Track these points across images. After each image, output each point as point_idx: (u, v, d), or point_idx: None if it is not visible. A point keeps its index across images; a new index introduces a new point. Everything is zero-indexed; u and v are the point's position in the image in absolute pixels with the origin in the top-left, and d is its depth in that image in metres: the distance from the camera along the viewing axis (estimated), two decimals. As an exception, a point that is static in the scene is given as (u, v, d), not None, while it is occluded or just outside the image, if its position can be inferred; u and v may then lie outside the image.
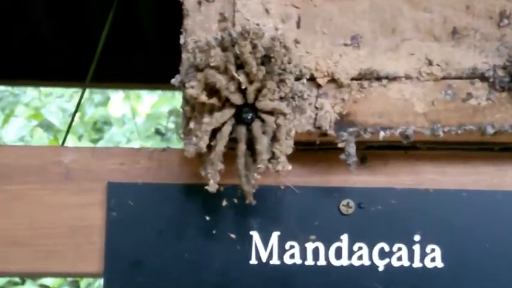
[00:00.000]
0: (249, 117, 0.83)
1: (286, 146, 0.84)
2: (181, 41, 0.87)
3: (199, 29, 0.87)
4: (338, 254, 0.91)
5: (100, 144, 4.12)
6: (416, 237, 0.91)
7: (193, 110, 0.85)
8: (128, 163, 0.93)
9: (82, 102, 1.77)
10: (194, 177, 0.91)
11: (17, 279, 3.49)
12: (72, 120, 1.72)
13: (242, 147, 0.84)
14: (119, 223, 0.91)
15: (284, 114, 0.83)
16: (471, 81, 0.86)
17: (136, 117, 4.24)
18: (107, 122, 4.37)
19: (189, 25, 0.87)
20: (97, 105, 4.35)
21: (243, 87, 0.82)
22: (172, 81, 0.86)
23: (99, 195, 0.92)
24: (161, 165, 0.93)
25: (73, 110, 1.76)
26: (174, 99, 4.09)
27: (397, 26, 0.88)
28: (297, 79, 0.85)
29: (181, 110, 0.88)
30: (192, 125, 0.84)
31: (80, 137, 4.15)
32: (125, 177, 0.92)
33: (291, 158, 0.84)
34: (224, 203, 0.91)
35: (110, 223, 0.91)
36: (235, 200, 0.91)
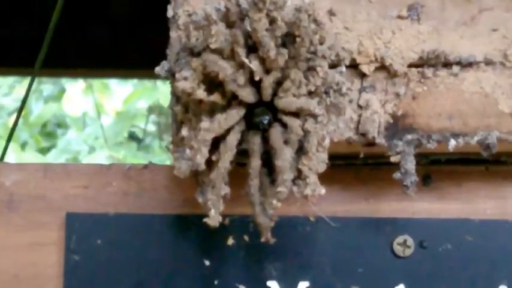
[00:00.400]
0: (265, 121, 0.83)
1: (318, 160, 0.83)
2: (169, 13, 0.88)
3: (194, -4, 0.87)
4: (392, 313, 0.91)
5: (51, 154, 4.12)
6: (502, 289, 0.91)
7: (186, 110, 0.85)
8: (94, 186, 0.93)
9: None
10: (188, 205, 0.91)
11: None
12: (16, 123, 1.72)
13: (256, 163, 0.84)
14: (83, 270, 0.91)
15: (314, 116, 0.84)
16: None
17: (102, 117, 4.24)
18: (61, 124, 4.37)
19: (179, -9, 0.88)
20: (47, 99, 4.35)
21: (257, 78, 0.82)
22: (157, 69, 0.86)
23: (55, 232, 0.93)
24: (142, 188, 0.93)
25: (16, 107, 1.76)
26: (155, 92, 4.09)
27: (473, -9, 0.89)
28: (333, 66, 0.85)
29: (167, 108, 0.88)
30: (185, 131, 0.84)
31: (23, 145, 4.16)
32: (90, 206, 0.93)
33: (324, 178, 0.84)
34: (230, 241, 0.92)
35: (69, 270, 0.91)
36: (246, 238, 0.92)
